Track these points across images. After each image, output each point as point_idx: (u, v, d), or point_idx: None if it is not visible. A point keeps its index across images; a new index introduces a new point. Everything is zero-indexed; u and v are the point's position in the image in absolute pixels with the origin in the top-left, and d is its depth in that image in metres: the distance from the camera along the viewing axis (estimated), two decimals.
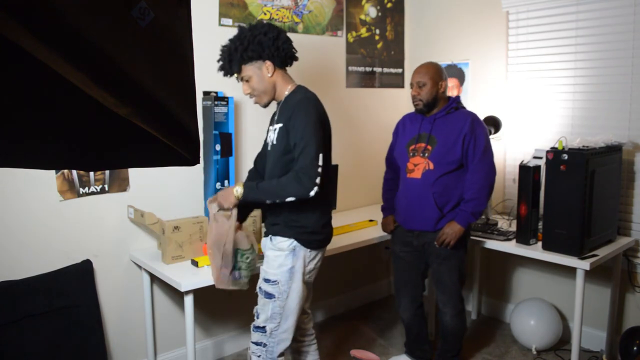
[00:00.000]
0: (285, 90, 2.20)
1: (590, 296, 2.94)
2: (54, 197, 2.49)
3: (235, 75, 2.18)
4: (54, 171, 2.47)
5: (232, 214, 2.15)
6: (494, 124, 3.16)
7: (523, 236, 2.78)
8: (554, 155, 2.60)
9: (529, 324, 3.12)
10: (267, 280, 2.15)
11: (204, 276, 2.39)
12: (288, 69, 2.30)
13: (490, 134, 3.14)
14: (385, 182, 2.96)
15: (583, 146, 2.61)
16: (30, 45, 0.53)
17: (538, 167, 2.75)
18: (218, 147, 2.76)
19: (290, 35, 3.25)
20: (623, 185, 2.91)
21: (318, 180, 2.01)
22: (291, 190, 2.02)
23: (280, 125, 2.14)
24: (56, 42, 0.53)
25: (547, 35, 3.22)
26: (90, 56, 0.56)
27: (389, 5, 3.87)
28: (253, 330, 2.19)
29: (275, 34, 2.12)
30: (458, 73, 3.71)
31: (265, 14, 3.15)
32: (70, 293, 2.51)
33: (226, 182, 2.82)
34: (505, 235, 2.91)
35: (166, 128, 0.68)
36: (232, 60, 2.11)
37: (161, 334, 2.89)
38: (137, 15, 0.58)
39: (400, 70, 3.99)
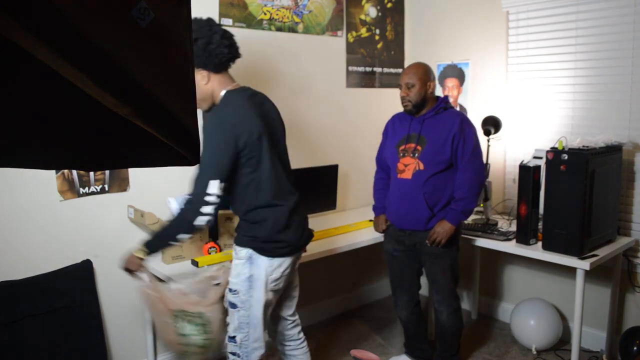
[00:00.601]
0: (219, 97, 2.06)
1: (590, 296, 2.94)
2: (54, 197, 2.49)
3: None
4: (54, 171, 2.47)
5: (145, 278, 2.08)
6: (494, 124, 3.16)
7: (523, 236, 2.78)
8: (554, 155, 2.60)
9: (529, 324, 3.12)
10: (230, 290, 2.10)
11: None
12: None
13: (490, 134, 3.14)
14: (376, 182, 2.98)
15: (583, 146, 2.61)
16: (30, 45, 0.53)
17: (538, 167, 2.75)
18: None
19: (290, 35, 3.30)
20: (623, 185, 2.91)
21: (207, 209, 1.91)
22: (178, 228, 1.97)
23: None
24: (56, 42, 0.53)
25: (547, 35, 3.21)
26: (90, 56, 0.56)
27: (389, 5, 3.87)
28: (227, 341, 2.14)
29: (207, 38, 1.96)
30: (458, 73, 3.71)
31: (265, 14, 3.15)
32: (70, 293, 2.51)
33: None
34: (505, 235, 2.91)
35: (166, 128, 0.68)
36: None
37: None
38: (137, 15, 0.58)
39: (400, 70, 3.99)
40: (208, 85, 2.03)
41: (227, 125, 1.94)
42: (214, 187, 1.91)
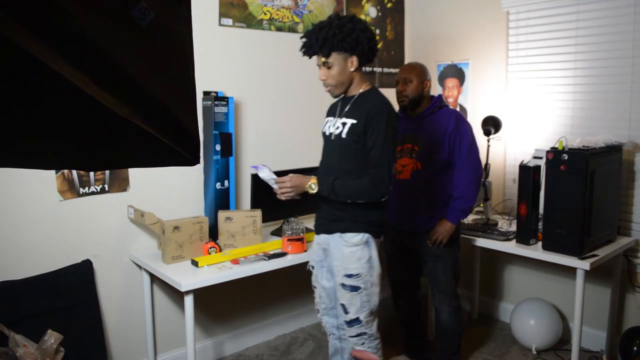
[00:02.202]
0: (360, 89, 2.25)
1: (590, 296, 2.94)
2: (54, 197, 2.49)
3: (318, 58, 2.18)
4: (54, 171, 2.47)
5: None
6: (494, 124, 3.16)
7: (523, 236, 2.78)
8: (554, 155, 2.60)
9: (529, 324, 3.12)
10: (349, 276, 2.23)
11: (204, 276, 2.40)
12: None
13: (490, 134, 3.14)
14: None
15: (583, 146, 2.61)
16: (31, 46, 0.53)
17: (538, 167, 2.75)
18: (218, 147, 2.76)
19: (290, 35, 3.29)
20: (623, 185, 2.91)
21: (389, 188, 2.18)
22: (367, 195, 2.17)
23: (354, 121, 2.20)
24: (57, 42, 0.53)
25: (547, 35, 3.21)
26: (90, 56, 0.56)
27: (389, 5, 3.87)
28: (348, 326, 2.27)
29: (371, 34, 2.19)
30: (458, 73, 3.71)
31: (265, 14, 3.15)
32: (70, 293, 2.51)
33: (226, 182, 2.82)
34: (505, 235, 2.91)
35: (166, 128, 0.68)
36: (326, 43, 2.12)
37: (161, 334, 2.89)
38: (137, 15, 0.58)
39: None
40: (353, 73, 2.22)
41: (393, 117, 2.21)
42: (393, 169, 2.21)
